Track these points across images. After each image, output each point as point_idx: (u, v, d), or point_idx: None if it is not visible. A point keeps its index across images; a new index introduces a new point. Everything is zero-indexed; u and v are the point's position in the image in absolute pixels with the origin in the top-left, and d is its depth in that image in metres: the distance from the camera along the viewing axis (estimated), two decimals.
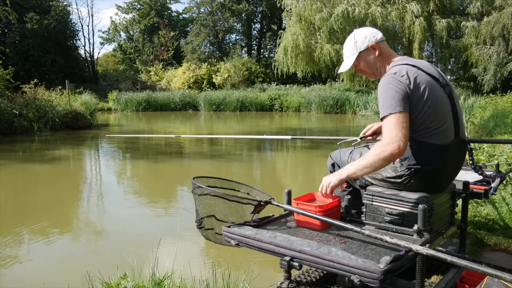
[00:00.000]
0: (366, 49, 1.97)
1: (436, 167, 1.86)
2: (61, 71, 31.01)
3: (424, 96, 1.78)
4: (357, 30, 2.03)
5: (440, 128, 1.83)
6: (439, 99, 1.83)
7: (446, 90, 1.87)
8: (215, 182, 2.18)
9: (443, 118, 1.84)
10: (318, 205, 1.98)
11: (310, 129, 15.40)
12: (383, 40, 2.00)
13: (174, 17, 40.41)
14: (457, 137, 1.91)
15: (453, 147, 1.89)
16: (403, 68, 1.82)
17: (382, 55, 1.98)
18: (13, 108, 12.57)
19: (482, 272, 1.32)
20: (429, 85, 1.81)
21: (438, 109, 1.82)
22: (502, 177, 2.67)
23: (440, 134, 1.83)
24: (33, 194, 5.99)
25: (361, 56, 1.99)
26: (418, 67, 1.84)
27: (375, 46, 1.96)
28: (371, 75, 2.05)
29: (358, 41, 1.98)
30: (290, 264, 1.69)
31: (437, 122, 1.82)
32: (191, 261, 2.95)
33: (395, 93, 1.75)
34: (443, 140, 1.84)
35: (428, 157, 1.85)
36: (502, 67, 16.93)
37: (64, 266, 3.46)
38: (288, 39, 20.22)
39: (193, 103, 24.51)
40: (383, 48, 1.98)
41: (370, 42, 1.96)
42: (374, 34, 1.99)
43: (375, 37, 1.96)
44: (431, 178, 1.88)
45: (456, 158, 1.97)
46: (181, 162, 8.69)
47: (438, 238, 1.92)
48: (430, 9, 18.70)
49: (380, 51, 1.97)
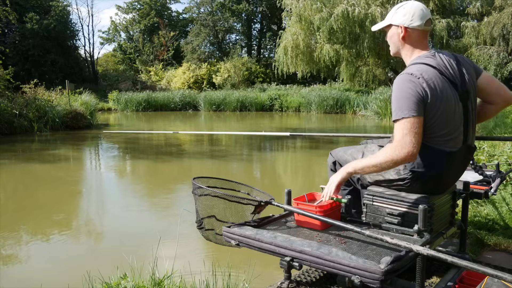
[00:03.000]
0: (396, 25, 1.91)
1: (440, 172, 1.85)
2: (61, 71, 30.97)
3: (437, 102, 1.73)
4: (409, 3, 1.92)
5: (450, 136, 1.81)
6: (452, 107, 1.78)
7: (463, 97, 1.82)
8: (215, 183, 2.18)
9: (454, 126, 1.81)
10: (318, 205, 1.98)
11: (310, 129, 15.40)
12: (421, 29, 1.86)
13: (174, 17, 40.39)
14: (465, 143, 1.88)
15: (460, 154, 1.88)
16: (420, 69, 1.76)
17: (406, 40, 1.90)
18: (13, 108, 12.57)
19: (482, 272, 1.32)
20: (445, 91, 1.75)
21: (450, 117, 1.78)
22: (502, 177, 2.67)
23: (449, 142, 1.81)
24: (33, 194, 5.99)
25: (390, 27, 1.95)
26: (439, 69, 1.78)
27: (403, 29, 1.88)
28: (391, 49, 2.00)
29: (397, 13, 1.91)
30: (290, 264, 1.68)
31: (447, 130, 1.79)
32: (191, 261, 2.94)
33: (410, 95, 1.70)
34: (451, 147, 1.82)
35: (433, 162, 1.83)
36: (502, 67, 16.94)
37: (64, 266, 3.46)
38: (288, 39, 20.21)
39: (193, 103, 24.49)
40: (412, 36, 1.88)
41: (403, 23, 1.87)
42: (414, 17, 1.86)
43: (411, 21, 1.86)
44: (433, 182, 1.88)
45: (461, 163, 1.96)
46: (181, 162, 8.69)
47: (438, 239, 1.92)
48: (430, 9, 18.62)
49: (406, 37, 1.89)
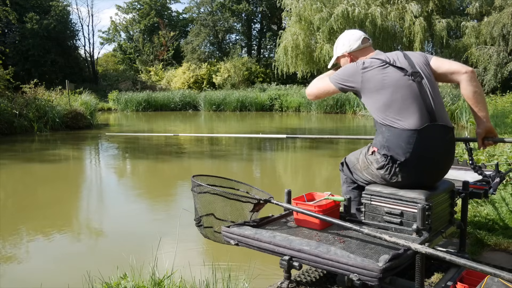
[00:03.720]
0: (342, 55, 2.28)
1: (415, 153, 1.87)
2: (61, 71, 30.98)
3: (381, 85, 1.95)
4: (343, 34, 2.32)
5: (404, 114, 1.89)
6: (399, 86, 1.93)
7: (415, 76, 1.96)
8: (214, 181, 2.18)
9: (408, 102, 1.90)
10: (317, 204, 1.99)
11: (310, 129, 15.40)
12: (361, 48, 2.21)
13: (174, 17, 40.40)
14: (434, 121, 1.91)
15: (431, 132, 1.89)
16: (370, 61, 2.04)
17: (355, 61, 2.18)
18: (13, 108, 12.57)
19: (481, 271, 1.32)
20: (389, 75, 1.96)
21: (398, 95, 1.92)
22: (502, 177, 2.67)
23: (406, 120, 1.89)
24: (33, 194, 5.99)
25: (339, 59, 2.33)
26: (383, 59, 2.02)
27: (347, 56, 2.24)
28: None
29: (337, 46, 2.31)
30: (290, 263, 1.69)
31: (398, 107, 1.91)
32: (191, 261, 2.94)
33: (346, 71, 2.09)
34: (414, 125, 1.88)
35: (400, 142, 1.88)
36: (502, 67, 16.94)
37: (64, 266, 3.46)
38: (288, 39, 20.20)
39: (193, 103, 24.50)
40: (356, 56, 2.21)
41: (345, 51, 2.24)
42: (352, 42, 2.22)
43: (350, 47, 2.22)
44: (416, 169, 1.90)
45: (439, 144, 1.95)
46: (181, 161, 8.69)
47: (437, 237, 1.92)
48: (429, 9, 18.69)
49: (353, 59, 2.22)
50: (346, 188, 2.26)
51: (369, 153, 2.04)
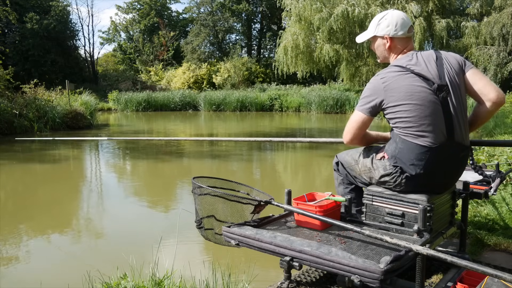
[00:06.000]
0: (381, 36, 2.02)
1: (424, 169, 1.83)
2: (61, 71, 30.95)
3: (403, 97, 1.82)
4: (389, 13, 2.02)
5: (425, 130, 1.81)
6: (423, 101, 1.81)
7: (440, 90, 1.82)
8: (215, 182, 2.18)
9: (428, 120, 1.81)
10: (318, 205, 1.98)
11: (310, 129, 15.40)
12: (405, 36, 1.98)
13: (174, 17, 40.38)
14: (451, 140, 1.84)
15: (445, 150, 1.84)
16: (387, 70, 1.91)
17: (392, 49, 2.01)
18: (13, 108, 12.56)
19: (482, 272, 1.32)
20: (411, 83, 1.82)
21: (421, 110, 1.81)
22: (502, 177, 2.67)
23: (426, 136, 1.81)
24: (33, 194, 5.99)
25: (375, 39, 2.06)
26: (408, 68, 1.85)
27: (389, 39, 1.99)
28: (378, 57, 2.12)
29: (380, 24, 2.02)
30: (290, 264, 1.69)
31: (420, 123, 1.81)
32: (191, 261, 2.94)
33: (369, 94, 1.91)
34: (429, 142, 1.81)
35: (411, 157, 1.84)
36: (502, 67, 16.93)
37: (64, 266, 3.46)
38: (288, 39, 20.21)
39: (193, 103, 24.48)
40: (397, 44, 1.99)
41: (388, 33, 1.99)
42: (398, 27, 1.97)
43: (395, 31, 1.97)
44: (422, 180, 1.85)
45: (451, 162, 1.90)
46: (181, 162, 8.68)
47: (438, 238, 1.92)
48: (429, 9, 18.69)
49: (392, 46, 2.00)
50: (343, 190, 2.25)
51: (378, 158, 1.99)
